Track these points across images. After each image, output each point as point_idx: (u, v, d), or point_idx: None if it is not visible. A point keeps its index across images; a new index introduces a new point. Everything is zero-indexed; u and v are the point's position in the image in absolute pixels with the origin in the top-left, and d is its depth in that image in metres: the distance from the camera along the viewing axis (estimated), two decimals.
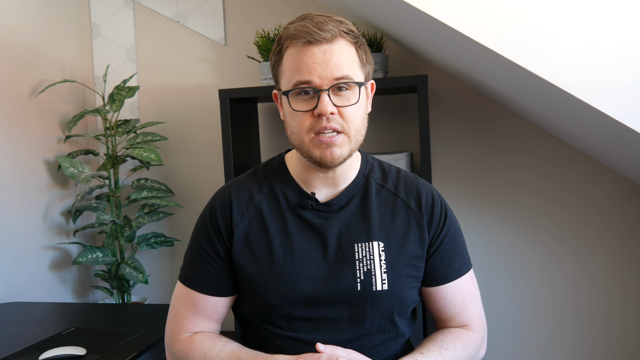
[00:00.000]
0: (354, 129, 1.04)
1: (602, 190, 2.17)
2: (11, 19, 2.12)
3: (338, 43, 1.02)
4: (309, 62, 1.01)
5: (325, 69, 1.00)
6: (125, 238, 2.29)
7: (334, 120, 1.02)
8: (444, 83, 2.25)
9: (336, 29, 1.02)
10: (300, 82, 1.02)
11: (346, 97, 1.03)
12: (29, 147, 2.17)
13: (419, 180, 1.18)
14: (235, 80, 2.38)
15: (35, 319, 1.76)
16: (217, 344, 1.08)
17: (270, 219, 1.11)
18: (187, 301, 1.13)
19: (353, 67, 1.03)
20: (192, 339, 1.11)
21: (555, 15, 1.28)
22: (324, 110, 1.00)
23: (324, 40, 1.01)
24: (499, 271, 2.26)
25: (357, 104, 1.03)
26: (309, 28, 1.01)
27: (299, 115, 1.03)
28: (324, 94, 1.00)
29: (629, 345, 2.18)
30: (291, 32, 1.03)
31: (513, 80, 1.57)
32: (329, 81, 1.01)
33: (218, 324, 1.16)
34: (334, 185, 1.12)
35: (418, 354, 1.06)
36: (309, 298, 1.06)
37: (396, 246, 1.10)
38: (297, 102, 1.03)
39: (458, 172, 2.26)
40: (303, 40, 1.01)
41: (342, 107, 1.02)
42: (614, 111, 1.30)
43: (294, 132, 1.06)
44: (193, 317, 1.12)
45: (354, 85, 1.03)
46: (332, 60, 1.01)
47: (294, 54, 1.03)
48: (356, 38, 1.05)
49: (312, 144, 1.03)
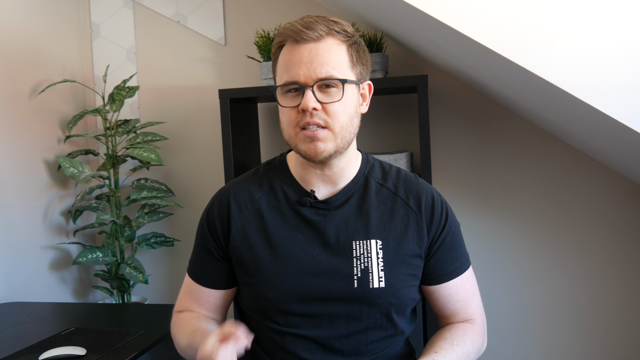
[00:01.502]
0: (338, 126, 1.06)
1: (602, 190, 2.17)
2: (11, 19, 2.11)
3: (325, 42, 1.05)
4: (295, 61, 1.05)
5: (310, 68, 1.03)
6: (125, 238, 2.29)
7: (317, 116, 1.04)
8: (444, 83, 2.25)
9: (326, 28, 1.04)
10: (288, 81, 1.05)
11: (332, 94, 1.05)
12: (29, 147, 2.17)
13: (419, 180, 1.20)
14: (235, 80, 2.38)
15: (35, 319, 1.76)
16: (192, 322, 1.16)
17: (269, 215, 1.13)
18: (186, 287, 1.24)
19: (340, 66, 1.05)
20: (179, 315, 1.22)
21: (556, 15, 1.28)
22: (306, 106, 1.03)
23: (310, 40, 1.04)
24: (499, 271, 2.26)
25: (341, 100, 1.05)
26: (297, 27, 1.05)
27: (287, 111, 1.07)
28: (308, 90, 1.03)
29: (629, 345, 2.18)
30: (281, 31, 1.08)
31: (513, 80, 1.57)
32: (313, 80, 1.04)
33: (212, 312, 1.21)
34: (332, 184, 1.14)
35: (432, 353, 1.07)
36: (306, 294, 1.08)
37: (394, 244, 1.11)
38: (285, 98, 1.07)
39: (458, 172, 2.26)
40: (291, 39, 1.05)
41: (326, 104, 1.04)
42: (614, 111, 1.30)
43: (284, 127, 1.09)
44: (187, 300, 1.23)
45: (339, 83, 1.05)
46: (316, 59, 1.04)
47: (285, 53, 1.07)
48: (348, 37, 1.07)
49: (298, 138, 1.07)
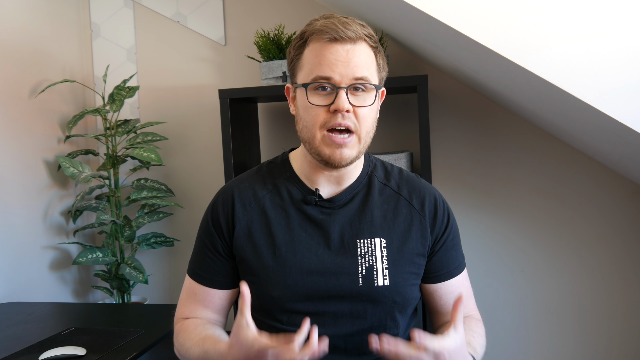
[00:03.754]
0: (364, 131, 1.05)
1: (602, 190, 2.17)
2: (11, 19, 2.12)
3: (360, 45, 1.04)
4: (331, 59, 1.03)
5: (347, 68, 1.02)
6: (125, 238, 2.29)
7: (349, 119, 1.03)
8: (444, 83, 2.25)
9: (359, 31, 1.04)
10: (320, 77, 1.03)
11: (362, 97, 1.05)
12: (29, 147, 2.17)
13: (421, 180, 1.21)
14: (235, 80, 2.38)
15: (35, 319, 1.76)
16: (199, 329, 1.13)
17: (273, 213, 1.13)
18: (188, 290, 1.20)
19: (371, 70, 1.06)
20: (183, 322, 1.18)
21: (556, 15, 1.29)
22: (341, 107, 1.02)
23: (348, 40, 1.03)
24: (499, 271, 2.26)
25: (371, 105, 1.05)
26: (336, 25, 1.03)
27: (314, 110, 1.04)
28: (342, 91, 1.02)
29: (630, 345, 2.18)
30: (318, 27, 1.04)
31: (513, 81, 1.57)
32: (349, 80, 1.02)
33: (217, 314, 1.19)
34: (337, 183, 1.14)
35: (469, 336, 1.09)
36: (310, 292, 1.08)
37: (398, 243, 1.11)
38: (314, 96, 1.04)
39: (458, 172, 2.26)
40: (328, 37, 1.03)
41: (357, 107, 1.04)
42: (614, 111, 1.30)
43: (307, 125, 1.06)
44: (191, 305, 1.18)
45: (371, 88, 1.05)
46: (353, 60, 1.03)
47: (317, 49, 1.04)
48: (376, 43, 1.08)
49: (323, 141, 1.05)
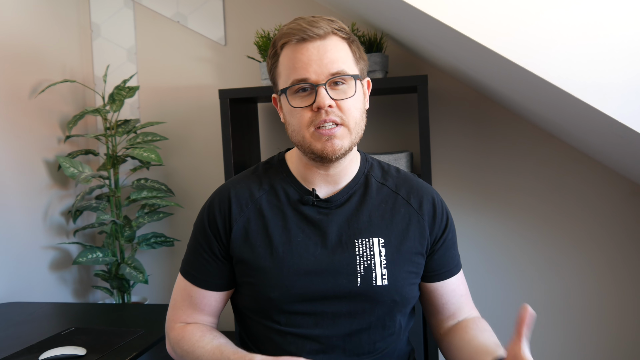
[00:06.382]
0: (352, 121, 1.06)
1: (602, 190, 2.17)
2: (11, 19, 2.11)
3: (331, 40, 1.05)
4: (304, 59, 1.03)
5: (321, 65, 1.02)
6: (125, 238, 2.29)
7: (333, 113, 1.03)
8: (444, 83, 2.25)
9: (328, 26, 1.04)
10: (297, 80, 1.04)
11: (343, 90, 1.05)
12: (29, 147, 2.17)
13: (418, 180, 1.21)
14: (235, 81, 2.38)
15: (35, 319, 1.76)
16: (207, 336, 1.11)
17: (270, 214, 1.12)
18: (183, 292, 1.17)
19: (347, 62, 1.06)
20: (185, 328, 1.15)
21: (556, 15, 1.28)
22: (322, 104, 1.02)
23: (317, 37, 1.03)
24: (499, 271, 2.26)
25: (354, 96, 1.05)
26: (302, 26, 1.03)
27: (299, 112, 1.05)
28: (321, 88, 1.02)
29: (624, 346, 2.18)
30: (285, 31, 1.06)
31: (513, 80, 1.57)
32: (325, 76, 1.03)
33: (212, 317, 1.18)
34: (334, 183, 1.14)
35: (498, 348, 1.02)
36: (308, 293, 1.07)
37: (396, 242, 1.11)
38: (295, 99, 1.05)
39: (458, 172, 2.26)
40: (297, 38, 1.04)
41: (339, 100, 1.04)
42: (614, 111, 1.30)
43: (295, 129, 1.07)
44: (188, 308, 1.16)
45: (349, 79, 1.05)
46: (326, 56, 1.03)
47: (289, 53, 1.05)
48: (347, 34, 1.08)
49: (313, 137, 1.05)
